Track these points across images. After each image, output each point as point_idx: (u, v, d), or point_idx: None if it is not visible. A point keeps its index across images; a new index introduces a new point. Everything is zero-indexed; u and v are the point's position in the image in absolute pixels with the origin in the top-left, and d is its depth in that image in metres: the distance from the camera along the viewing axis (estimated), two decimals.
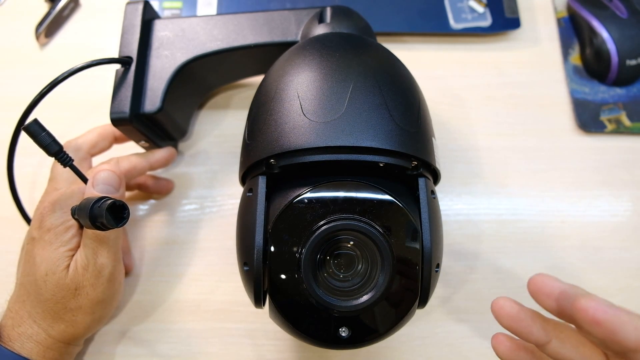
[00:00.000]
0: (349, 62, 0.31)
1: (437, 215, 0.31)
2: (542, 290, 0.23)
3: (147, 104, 0.36)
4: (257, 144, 0.30)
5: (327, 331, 0.28)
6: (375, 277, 0.27)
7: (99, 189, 0.32)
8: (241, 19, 0.39)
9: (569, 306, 0.21)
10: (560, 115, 0.45)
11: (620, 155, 0.44)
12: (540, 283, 0.23)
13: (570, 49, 0.48)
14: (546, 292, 0.23)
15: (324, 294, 0.27)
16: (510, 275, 0.40)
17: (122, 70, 0.36)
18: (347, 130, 0.28)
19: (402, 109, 0.30)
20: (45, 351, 0.32)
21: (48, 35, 0.49)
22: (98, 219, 0.27)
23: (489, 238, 0.41)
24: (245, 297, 0.31)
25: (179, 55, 0.38)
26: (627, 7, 0.46)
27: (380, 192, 0.28)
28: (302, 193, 0.28)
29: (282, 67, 0.32)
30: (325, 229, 0.27)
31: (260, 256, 0.28)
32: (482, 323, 0.38)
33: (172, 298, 0.39)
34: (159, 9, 0.48)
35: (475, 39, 0.49)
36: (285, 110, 0.29)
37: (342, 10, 0.37)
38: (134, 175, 0.37)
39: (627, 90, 0.46)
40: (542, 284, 0.23)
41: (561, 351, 0.23)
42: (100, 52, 0.49)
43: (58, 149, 0.31)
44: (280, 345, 0.38)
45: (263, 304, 0.29)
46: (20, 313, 0.32)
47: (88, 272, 0.32)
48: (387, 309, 0.28)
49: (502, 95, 0.46)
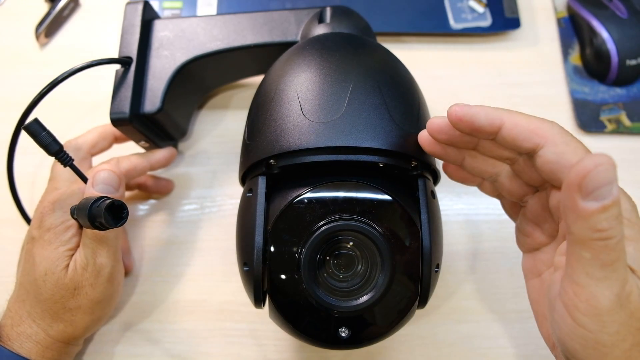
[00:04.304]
0: (349, 62, 0.31)
1: (437, 216, 0.31)
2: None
3: (147, 104, 0.36)
4: (257, 144, 0.30)
5: (327, 331, 0.28)
6: (375, 278, 0.27)
7: (99, 189, 0.32)
8: (241, 19, 0.39)
9: None
10: (560, 115, 0.45)
11: (620, 155, 0.43)
12: (452, 114, 0.26)
13: (570, 49, 0.48)
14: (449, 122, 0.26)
15: (323, 294, 0.27)
16: (510, 275, 0.40)
17: (122, 71, 0.36)
18: (346, 131, 0.28)
19: (402, 109, 0.30)
20: (44, 351, 0.32)
21: (48, 35, 0.49)
22: (97, 219, 0.27)
23: (489, 238, 0.41)
24: (245, 297, 0.31)
25: (179, 55, 0.38)
26: (627, 7, 0.46)
27: (380, 192, 0.28)
28: (302, 193, 0.28)
29: (282, 68, 0.32)
30: (325, 230, 0.27)
31: (260, 256, 0.28)
32: (482, 323, 0.38)
33: (171, 298, 0.39)
34: (159, 9, 0.48)
35: (475, 39, 0.49)
36: (285, 110, 0.29)
37: (342, 10, 0.37)
38: (134, 176, 0.37)
39: (627, 90, 0.46)
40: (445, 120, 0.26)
41: (474, 164, 0.28)
42: (100, 52, 0.49)
43: (58, 149, 0.31)
44: (280, 345, 0.38)
45: (263, 304, 0.29)
46: (19, 313, 0.32)
47: (87, 272, 0.32)
48: (387, 309, 0.28)
49: (502, 95, 0.46)
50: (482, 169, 0.28)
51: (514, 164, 0.27)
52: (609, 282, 0.20)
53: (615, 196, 0.19)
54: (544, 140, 0.24)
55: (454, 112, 0.25)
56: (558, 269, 0.24)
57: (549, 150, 0.24)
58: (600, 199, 0.19)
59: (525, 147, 0.24)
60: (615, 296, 0.20)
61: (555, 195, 0.25)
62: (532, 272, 0.29)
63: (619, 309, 0.21)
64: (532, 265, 0.29)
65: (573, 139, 0.24)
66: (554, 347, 0.26)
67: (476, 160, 0.28)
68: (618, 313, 0.21)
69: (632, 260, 0.22)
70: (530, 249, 0.29)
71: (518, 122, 0.24)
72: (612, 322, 0.21)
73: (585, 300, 0.21)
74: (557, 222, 0.26)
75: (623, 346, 0.21)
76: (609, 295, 0.20)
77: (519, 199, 0.28)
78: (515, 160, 0.27)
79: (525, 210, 0.28)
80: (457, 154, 0.28)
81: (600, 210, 0.19)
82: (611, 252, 0.20)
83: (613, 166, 0.19)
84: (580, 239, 0.20)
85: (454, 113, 0.25)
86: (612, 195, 0.19)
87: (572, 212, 0.20)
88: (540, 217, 0.27)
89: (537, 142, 0.24)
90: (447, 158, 0.29)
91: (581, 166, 0.19)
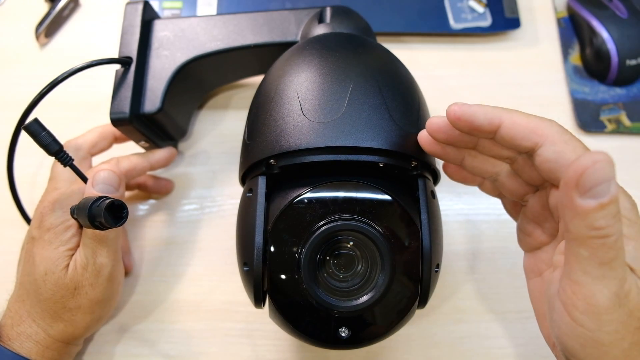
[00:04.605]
0: (349, 62, 0.31)
1: (437, 216, 0.31)
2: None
3: (147, 104, 0.36)
4: (257, 144, 0.30)
5: (327, 331, 0.28)
6: (375, 278, 0.27)
7: (99, 189, 0.32)
8: (241, 19, 0.39)
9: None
10: (560, 115, 0.45)
11: (620, 155, 0.43)
12: (451, 114, 0.25)
13: (570, 49, 0.48)
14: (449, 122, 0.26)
15: (323, 294, 0.27)
16: (510, 275, 0.40)
17: (122, 71, 0.36)
18: (346, 131, 0.28)
19: (402, 109, 0.30)
20: (44, 351, 0.32)
21: (48, 35, 0.49)
22: (97, 219, 0.27)
23: (489, 238, 0.41)
24: (245, 297, 0.31)
25: (179, 55, 0.38)
26: (627, 7, 0.46)
27: (380, 192, 0.28)
28: (302, 193, 0.28)
29: (282, 67, 0.32)
30: (325, 229, 0.27)
31: (260, 256, 0.28)
32: (482, 323, 0.38)
33: (171, 298, 0.39)
34: (158, 9, 0.48)
35: (475, 39, 0.49)
36: (285, 110, 0.29)
37: (342, 10, 0.37)
38: (134, 175, 0.37)
39: (627, 90, 0.46)
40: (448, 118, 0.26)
41: (474, 164, 0.28)
42: (100, 52, 0.49)
43: (58, 149, 0.31)
44: (280, 345, 0.38)
45: (263, 304, 0.29)
46: (19, 312, 0.32)
47: (87, 272, 0.32)
48: (387, 309, 0.28)
49: (502, 95, 0.46)
50: (482, 168, 0.28)
51: (513, 163, 0.27)
52: (607, 280, 0.20)
53: (613, 194, 0.19)
54: (543, 139, 0.24)
55: (453, 111, 0.25)
56: (557, 268, 0.24)
57: (548, 149, 0.24)
58: (598, 197, 0.19)
59: (524, 145, 0.24)
60: (613, 294, 0.20)
61: (555, 194, 0.25)
62: (533, 271, 0.29)
63: (618, 308, 0.21)
64: (533, 265, 0.29)
65: (572, 138, 0.24)
66: (554, 346, 0.26)
67: (476, 159, 0.28)
68: (617, 311, 0.21)
69: (631, 259, 0.22)
70: (531, 248, 0.29)
71: (517, 120, 0.24)
72: (611, 321, 0.21)
73: (584, 299, 0.21)
74: (557, 221, 0.26)
75: (622, 345, 0.21)
76: (607, 294, 0.20)
77: (519, 198, 0.28)
78: (515, 160, 0.27)
79: (525, 210, 0.28)
80: (456, 154, 0.28)
81: (598, 208, 0.19)
82: (609, 250, 0.20)
83: (611, 164, 0.18)
84: (578, 237, 0.20)
85: (453, 112, 0.25)
86: (610, 193, 0.19)
87: (569, 209, 0.20)
88: (540, 216, 0.27)
89: (536, 141, 0.24)
90: (447, 158, 0.29)
91: (578, 164, 0.19)
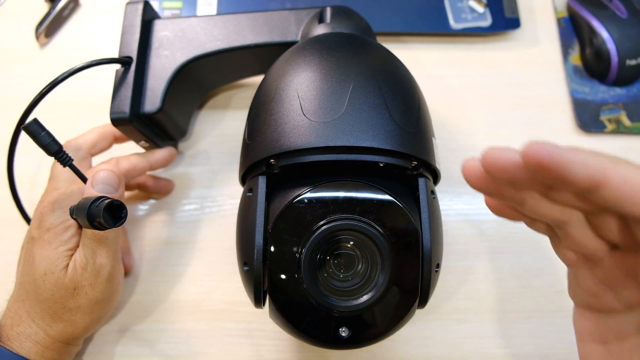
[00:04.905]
0: (349, 62, 0.31)
1: (437, 215, 0.31)
2: (497, 164, 0.19)
3: (147, 104, 0.36)
4: (257, 144, 0.30)
5: (327, 331, 0.28)
6: (375, 277, 0.27)
7: (98, 189, 0.32)
8: (241, 19, 0.39)
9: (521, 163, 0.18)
10: (560, 115, 0.45)
11: (620, 155, 0.44)
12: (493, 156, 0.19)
13: (570, 49, 0.48)
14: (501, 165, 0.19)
15: (324, 294, 0.27)
16: (510, 275, 0.40)
17: (122, 70, 0.36)
18: (347, 130, 0.28)
19: (402, 109, 0.30)
20: (44, 351, 0.32)
21: (48, 35, 0.49)
22: (96, 219, 0.27)
23: (489, 238, 0.41)
24: (245, 297, 0.31)
25: (179, 55, 0.38)
26: (627, 7, 0.46)
27: (380, 192, 0.28)
28: (302, 193, 0.28)
29: (282, 67, 0.32)
30: (325, 229, 0.27)
31: (260, 256, 0.28)
32: (482, 323, 0.38)
33: (171, 298, 0.39)
34: (159, 9, 0.48)
35: (475, 39, 0.49)
36: (285, 110, 0.29)
37: (342, 10, 0.37)
38: (134, 175, 0.37)
39: (627, 90, 0.46)
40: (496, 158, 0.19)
41: (535, 209, 0.21)
42: (100, 52, 0.49)
43: (58, 149, 0.31)
44: (280, 345, 0.38)
45: (263, 304, 0.29)
46: (19, 312, 0.32)
47: (87, 272, 0.32)
48: (387, 309, 0.28)
49: (502, 95, 0.46)
50: (547, 215, 0.21)
51: (593, 216, 0.21)
52: None
53: None
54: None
55: (535, 152, 0.17)
56: (635, 351, 0.20)
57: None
58: None
59: (633, 213, 0.18)
60: None
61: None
62: (592, 335, 0.23)
63: None
64: (594, 329, 0.23)
65: None
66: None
67: (541, 205, 0.21)
68: None
69: None
70: (593, 309, 0.23)
71: (628, 179, 0.18)
72: None
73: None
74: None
75: None
76: None
77: (588, 252, 0.22)
78: (597, 212, 0.20)
79: (594, 267, 0.22)
80: (515, 195, 0.21)
81: None
82: None
83: None
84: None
85: (534, 154, 0.17)
86: None
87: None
88: (617, 280, 0.22)
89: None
90: (500, 197, 0.22)
91: None
